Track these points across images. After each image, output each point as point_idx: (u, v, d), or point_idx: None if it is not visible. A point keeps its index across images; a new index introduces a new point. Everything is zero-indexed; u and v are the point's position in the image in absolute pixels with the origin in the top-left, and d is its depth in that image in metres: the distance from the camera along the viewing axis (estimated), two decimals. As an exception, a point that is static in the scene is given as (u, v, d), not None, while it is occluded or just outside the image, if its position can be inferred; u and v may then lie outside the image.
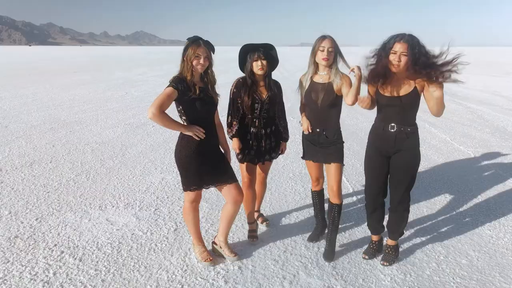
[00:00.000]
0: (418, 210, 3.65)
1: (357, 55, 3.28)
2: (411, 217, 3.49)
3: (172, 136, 6.34)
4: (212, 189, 3.67)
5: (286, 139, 3.11)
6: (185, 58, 2.42)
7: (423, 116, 8.27)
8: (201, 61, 2.42)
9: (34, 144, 5.97)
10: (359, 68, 2.43)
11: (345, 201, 3.89)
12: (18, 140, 6.21)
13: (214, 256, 2.79)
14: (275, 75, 2.94)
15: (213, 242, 2.88)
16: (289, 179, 4.49)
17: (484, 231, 3.24)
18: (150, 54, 59.57)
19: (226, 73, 13.96)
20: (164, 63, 31.14)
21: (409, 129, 2.53)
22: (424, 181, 4.43)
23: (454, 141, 6.31)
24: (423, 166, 4.97)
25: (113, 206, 3.73)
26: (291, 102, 8.71)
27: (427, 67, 2.31)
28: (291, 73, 19.87)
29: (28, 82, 15.29)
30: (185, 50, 2.43)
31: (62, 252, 2.89)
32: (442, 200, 3.91)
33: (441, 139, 6.45)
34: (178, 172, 2.63)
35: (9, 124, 7.36)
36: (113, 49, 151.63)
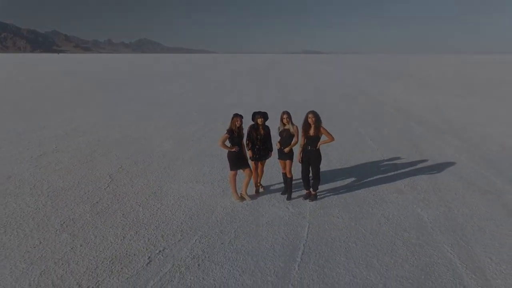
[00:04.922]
0: (334, 181, 7.72)
1: (354, 66, 7.39)
2: (332, 184, 7.58)
3: (207, 148, 10.45)
4: (237, 176, 7.78)
5: (271, 150, 7.19)
6: (232, 121, 6.54)
7: (372, 133, 12.39)
8: (238, 122, 6.54)
9: (127, 152, 10.08)
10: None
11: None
12: (114, 149, 10.32)
13: (241, 198, 6.88)
14: (275, 101, 7.03)
15: (241, 193, 6.98)
16: (276, 170, 8.57)
17: (361, 193, 7.29)
18: (158, 66, 63.87)
19: (232, 92, 18.01)
20: (178, 78, 35.39)
21: (314, 149, 6.61)
22: (345, 166, 8.52)
23: (379, 150, 10.38)
24: (347, 161, 9.05)
25: (190, 182, 7.82)
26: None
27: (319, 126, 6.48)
28: (291, 89, 23.95)
29: (74, 104, 19.46)
30: (232, 118, 6.55)
31: (179, 197, 6.99)
32: (353, 178, 7.99)
33: (372, 148, 10.52)
34: (219, 167, 6.71)
35: (100, 138, 11.50)
36: (118, 57, 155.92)
